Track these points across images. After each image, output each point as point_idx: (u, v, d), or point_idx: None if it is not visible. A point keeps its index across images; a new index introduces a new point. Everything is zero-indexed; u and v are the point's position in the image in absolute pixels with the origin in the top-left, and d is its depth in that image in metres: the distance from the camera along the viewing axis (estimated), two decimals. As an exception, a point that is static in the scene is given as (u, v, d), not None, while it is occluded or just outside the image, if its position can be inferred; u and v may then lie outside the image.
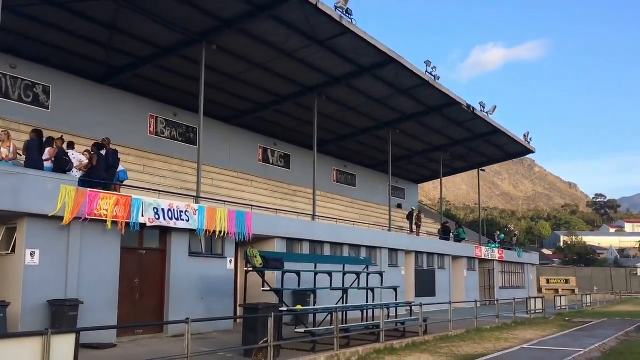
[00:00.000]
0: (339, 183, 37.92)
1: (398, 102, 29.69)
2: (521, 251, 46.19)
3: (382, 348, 14.60)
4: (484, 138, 37.08)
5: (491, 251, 39.66)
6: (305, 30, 21.15)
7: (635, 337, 19.27)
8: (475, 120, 33.53)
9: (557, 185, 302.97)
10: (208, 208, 17.74)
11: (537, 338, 18.39)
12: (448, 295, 31.65)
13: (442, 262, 33.31)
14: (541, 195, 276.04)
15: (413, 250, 30.39)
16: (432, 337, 17.21)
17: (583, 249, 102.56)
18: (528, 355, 14.56)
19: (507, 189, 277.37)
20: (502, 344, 16.56)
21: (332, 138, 33.61)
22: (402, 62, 24.56)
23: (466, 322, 20.56)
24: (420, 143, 37.08)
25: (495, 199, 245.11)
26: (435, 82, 27.27)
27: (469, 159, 42.01)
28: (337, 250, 24.52)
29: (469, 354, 14.42)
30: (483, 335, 18.92)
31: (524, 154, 45.23)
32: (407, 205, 42.46)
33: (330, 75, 25.33)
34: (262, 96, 26.98)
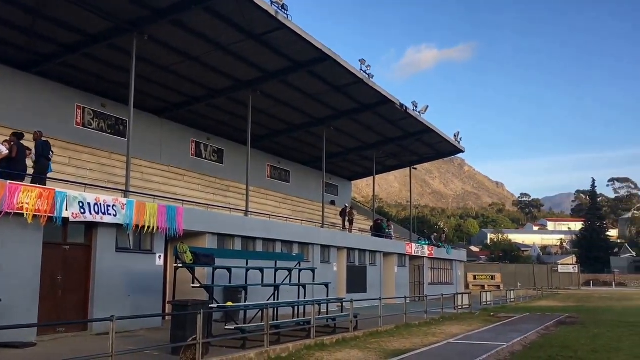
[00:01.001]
0: (273, 179, 37.81)
1: (333, 99, 29.84)
2: (450, 248, 47.39)
3: (312, 344, 14.63)
4: (416, 137, 37.79)
5: (421, 248, 40.49)
6: (241, 24, 20.93)
7: (554, 331, 20.04)
8: (408, 119, 34.12)
9: (485, 185, 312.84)
10: (137, 202, 17.27)
11: (462, 333, 18.89)
12: (379, 291, 32.12)
13: (374, 259, 33.74)
14: (470, 194, 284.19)
15: (345, 247, 30.63)
16: (363, 333, 17.39)
17: (508, 246, 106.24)
18: (453, 349, 14.92)
19: (438, 187, 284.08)
20: (429, 339, 16.91)
21: (266, 133, 33.45)
22: (337, 59, 24.68)
23: (396, 317, 20.89)
24: (354, 140, 37.43)
25: (427, 197, 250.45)
26: (369, 80, 27.55)
27: (402, 157, 42.73)
28: (270, 247, 24.43)
29: (397, 349, 14.65)
30: (412, 330, 19.27)
31: (454, 153, 46.42)
32: (340, 202, 42.82)
33: (265, 70, 25.18)
34: (196, 89, 26.53)
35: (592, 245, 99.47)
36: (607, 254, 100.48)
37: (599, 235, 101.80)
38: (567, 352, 14.21)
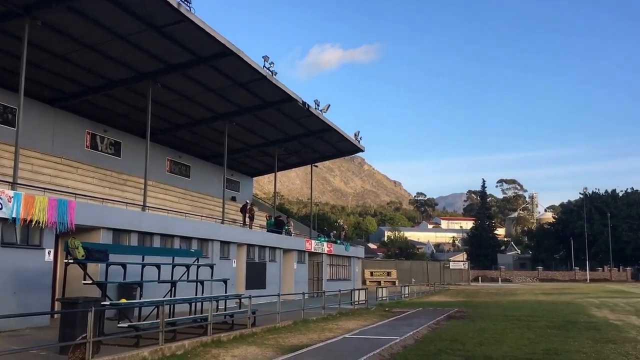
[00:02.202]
0: (173, 173, 37.02)
1: (236, 94, 29.65)
2: (348, 245, 48.38)
3: (209, 341, 14.52)
4: (318, 135, 38.27)
5: (321, 245, 41.08)
6: (141, 14, 20.37)
7: (445, 325, 20.96)
8: (310, 117, 34.48)
9: (384, 183, 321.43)
10: (25, 195, 16.40)
11: (358, 328, 19.37)
12: (278, 287, 32.28)
13: (274, 255, 33.86)
14: (369, 192, 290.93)
15: (245, 243, 30.54)
16: (260, 329, 17.44)
17: (404, 243, 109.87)
18: (349, 344, 15.29)
19: (339, 185, 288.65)
20: (326, 334, 17.22)
21: (166, 127, 32.70)
22: (241, 54, 24.54)
23: (294, 313, 21.09)
24: (257, 137, 37.36)
25: (327, 195, 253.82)
26: (272, 77, 27.60)
27: (303, 154, 43.12)
28: (168, 242, 23.95)
29: (294, 344, 14.83)
30: (309, 326, 19.54)
31: (355, 152, 47.41)
32: (241, 198, 42.60)
33: (167, 62, 24.63)
34: (92, 79, 25.50)
35: (481, 243, 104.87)
36: (495, 251, 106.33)
37: (487, 234, 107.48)
38: (456, 345, 14.91)
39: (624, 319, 22.81)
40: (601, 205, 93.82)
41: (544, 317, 23.51)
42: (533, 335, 17.30)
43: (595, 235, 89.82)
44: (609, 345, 14.93)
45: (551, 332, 18.19)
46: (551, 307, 30.46)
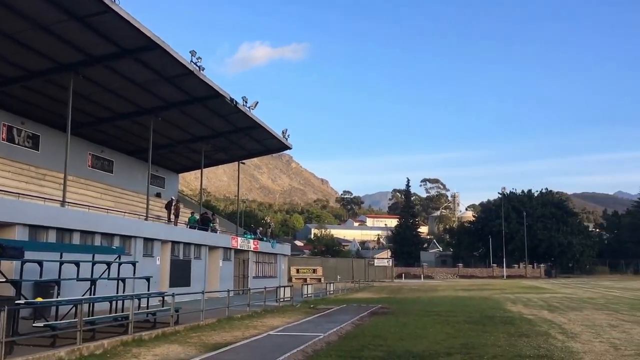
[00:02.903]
0: (95, 168, 35.86)
1: (162, 89, 29.06)
2: (275, 242, 48.37)
3: (130, 340, 14.20)
4: (246, 132, 38.06)
5: (247, 242, 40.89)
6: (63, 3, 19.68)
7: (368, 321, 21.32)
8: (238, 114, 34.25)
9: (311, 181, 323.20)
10: None
11: (283, 325, 19.43)
12: (203, 285, 31.91)
13: (199, 252, 33.43)
14: (297, 190, 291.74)
15: (170, 240, 30.00)
16: (184, 327, 17.21)
17: (330, 241, 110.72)
18: (273, 341, 15.33)
19: (266, 182, 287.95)
20: (250, 332, 17.19)
21: (89, 121, 31.65)
22: (167, 48, 24.07)
23: (219, 311, 20.92)
24: (183, 132, 36.75)
25: (255, 192, 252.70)
26: (199, 72, 27.23)
27: (231, 151, 42.77)
28: (88, 239, 23.22)
29: (218, 342, 14.73)
30: (233, 323, 19.43)
31: (282, 149, 47.41)
32: (166, 195, 41.78)
33: (90, 54, 23.86)
34: (9, 69, 24.38)
35: (405, 240, 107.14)
36: (418, 248, 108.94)
37: (411, 232, 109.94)
38: (378, 340, 15.22)
39: (536, 313, 23.92)
40: (518, 205, 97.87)
41: (463, 313, 24.32)
42: (452, 330, 17.87)
43: (512, 233, 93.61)
44: (523, 338, 15.63)
45: (469, 326, 18.84)
46: (470, 302, 31.54)
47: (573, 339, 15.46)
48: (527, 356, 12.62)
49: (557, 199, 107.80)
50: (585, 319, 21.44)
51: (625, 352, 13.15)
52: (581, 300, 32.97)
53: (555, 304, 29.66)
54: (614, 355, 12.71)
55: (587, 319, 21.44)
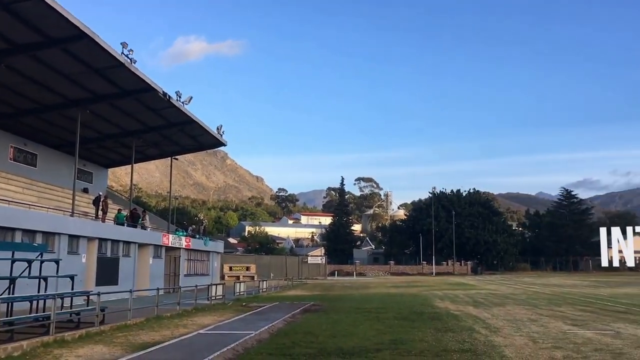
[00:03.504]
0: (17, 162, 34.34)
1: (90, 81, 28.15)
2: (208, 240, 47.80)
3: (51, 341, 13.69)
4: (179, 127, 37.40)
5: (179, 239, 40.21)
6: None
7: (300, 318, 21.38)
8: (171, 109, 33.61)
9: (246, 178, 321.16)
10: None
11: (214, 323, 19.21)
12: (131, 283, 31.16)
13: (128, 250, 32.63)
14: (231, 187, 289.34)
15: (97, 237, 29.13)
16: (110, 327, 16.74)
17: (264, 238, 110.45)
18: (203, 339, 15.13)
19: (200, 179, 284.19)
20: (180, 330, 16.91)
21: (11, 112, 30.33)
22: (96, 39, 23.33)
23: (147, 310, 20.49)
24: (113, 126, 35.74)
25: (188, 188, 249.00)
26: (131, 65, 26.54)
27: (163, 146, 41.92)
28: (8, 236, 22.22)
29: (145, 342, 14.40)
30: (162, 322, 19.06)
31: (217, 145, 46.88)
32: (94, 190, 40.52)
33: (13, 42, 22.86)
34: None
35: (338, 238, 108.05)
36: (351, 246, 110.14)
37: (344, 230, 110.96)
38: (310, 337, 15.28)
39: (462, 309, 24.62)
40: (447, 204, 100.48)
41: (393, 309, 24.74)
42: (382, 326, 18.15)
43: (442, 231, 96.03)
44: (449, 333, 16.04)
45: (398, 322, 19.20)
46: (400, 299, 32.13)
47: (495, 334, 16.00)
48: (452, 350, 12.96)
49: (483, 198, 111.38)
50: (507, 314, 22.25)
51: (543, 345, 13.72)
52: (504, 296, 34.20)
53: (480, 299, 30.63)
54: (532, 349, 13.22)
55: (509, 314, 22.26)
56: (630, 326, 17.84)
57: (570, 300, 30.00)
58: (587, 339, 14.87)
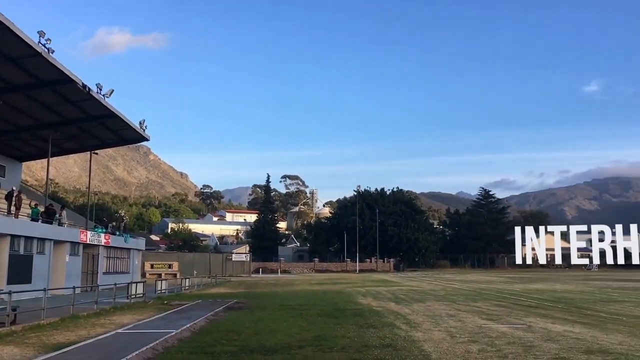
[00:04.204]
0: None
1: (4, 70, 26.80)
2: (128, 237, 46.55)
3: (-43, 343, 12.98)
4: (99, 120, 36.21)
5: (97, 236, 38.95)
6: None
7: (223, 316, 21.18)
8: (91, 101, 32.46)
9: (170, 174, 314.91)
10: None
11: (133, 322, 18.73)
12: (46, 281, 29.92)
13: (42, 247, 31.28)
14: (154, 183, 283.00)
15: (8, 234, 27.78)
16: (22, 327, 16.03)
17: (188, 235, 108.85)
18: (121, 339, 14.73)
19: (122, 174, 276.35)
20: (97, 330, 16.40)
21: None
22: (10, 26, 22.23)
23: (62, 309, 19.75)
24: (28, 118, 34.18)
25: (109, 184, 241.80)
26: (48, 54, 25.46)
27: (82, 140, 40.46)
28: None
29: (60, 342, 13.88)
30: (79, 322, 18.42)
31: (139, 140, 45.64)
32: (7, 185, 38.59)
33: None
34: None
35: (263, 235, 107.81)
36: (276, 243, 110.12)
37: (270, 227, 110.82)
38: (232, 335, 15.17)
39: (384, 305, 25.12)
40: (371, 203, 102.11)
41: (316, 306, 24.93)
42: (305, 323, 18.26)
43: (366, 229, 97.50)
44: (370, 329, 16.34)
45: (321, 319, 19.37)
46: (323, 296, 32.41)
47: (415, 329, 16.43)
48: (373, 346, 13.21)
49: (406, 197, 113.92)
50: (427, 309, 22.89)
51: (460, 340, 14.21)
52: (424, 292, 35.13)
53: (401, 296, 31.34)
54: (450, 343, 13.67)
55: (429, 309, 22.90)
56: (541, 320, 18.74)
57: (487, 296, 31.19)
58: (501, 332, 15.51)
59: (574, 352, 12.28)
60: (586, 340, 14.00)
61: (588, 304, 26.09)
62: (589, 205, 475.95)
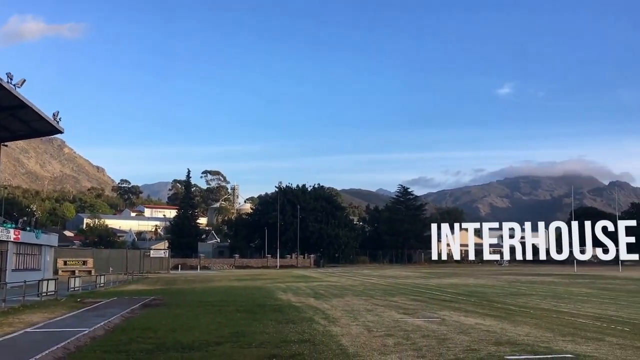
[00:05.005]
0: None
1: None
2: (40, 232, 44.67)
3: None
4: (9, 111, 34.59)
5: (6, 232, 37.15)
6: None
7: (139, 313, 20.77)
8: (1, 91, 30.90)
9: (86, 168, 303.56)
10: None
11: (43, 321, 18.08)
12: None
13: (-55, 243, 29.56)
14: (69, 177, 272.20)
15: None
16: None
17: (104, 231, 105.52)
18: (30, 338, 14.20)
19: (34, 167, 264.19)
20: (4, 329, 15.71)
21: None
22: None
23: (-35, 309, 18.80)
24: None
25: (20, 178, 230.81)
26: (-47, 40, 24.02)
27: (-10, 131, 38.50)
28: None
29: (-37, 343, 13.24)
30: (-17, 321, 17.60)
31: (53, 133, 43.87)
32: None
33: None
34: None
35: (183, 231, 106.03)
36: (196, 239, 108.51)
37: (190, 223, 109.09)
38: (148, 333, 14.93)
39: (304, 301, 25.36)
40: (293, 199, 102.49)
41: (236, 302, 24.86)
42: (224, 319, 18.20)
43: (287, 225, 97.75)
44: (289, 325, 16.49)
45: (240, 315, 19.36)
46: (243, 292, 32.32)
47: (334, 324, 16.72)
48: (291, 341, 13.35)
49: (327, 194, 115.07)
50: (345, 304, 23.30)
51: (377, 334, 14.59)
52: (344, 287, 35.71)
53: (321, 291, 31.71)
54: (367, 337, 14.01)
55: (348, 304, 23.32)
56: (455, 313, 19.50)
57: (404, 291, 32.06)
58: (417, 326, 16.04)
59: (484, 343, 12.88)
60: (496, 332, 14.70)
61: (498, 297, 27.34)
62: (501, 203, 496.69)
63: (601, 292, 31.60)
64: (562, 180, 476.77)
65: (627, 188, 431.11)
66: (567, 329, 15.51)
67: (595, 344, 12.82)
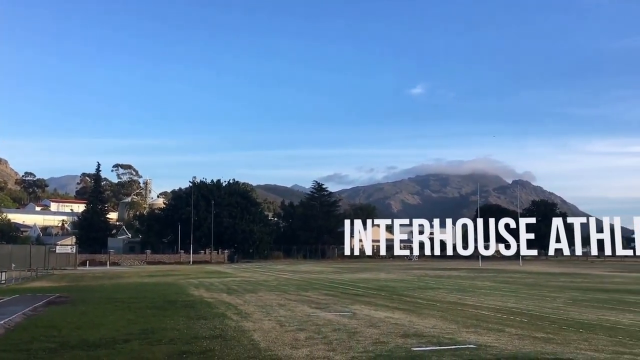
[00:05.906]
0: None
1: None
2: None
3: None
4: None
5: None
6: None
7: (43, 311, 19.96)
8: None
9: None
10: None
11: (-64, 320, 17.04)
12: None
13: None
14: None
15: None
16: None
17: (6, 226, 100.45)
18: None
19: None
20: None
21: None
22: None
23: None
24: None
25: None
26: None
27: None
28: None
29: None
30: None
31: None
32: None
33: None
34: None
35: (92, 226, 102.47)
36: (106, 235, 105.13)
37: (99, 217, 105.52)
38: (52, 331, 14.43)
39: (216, 296, 25.20)
40: (207, 194, 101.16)
41: (146, 298, 24.37)
42: (133, 316, 17.83)
43: (201, 220, 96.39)
44: (201, 321, 16.37)
45: (151, 312, 19.02)
46: (154, 288, 31.68)
47: (246, 319, 16.76)
48: (203, 337, 13.29)
49: (242, 189, 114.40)
50: (258, 299, 23.37)
51: (289, 328, 14.76)
52: (257, 283, 35.72)
53: (234, 287, 31.60)
54: (279, 332, 14.15)
55: (261, 299, 23.40)
56: (365, 307, 20.01)
57: (317, 286, 32.47)
58: (328, 320, 16.35)
59: (393, 336, 13.33)
60: (404, 325, 15.23)
61: (407, 291, 28.25)
62: (412, 199, 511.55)
63: (503, 285, 33.28)
64: (470, 178, 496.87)
65: (529, 187, 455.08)
66: (470, 320, 16.28)
67: (496, 335, 13.55)
